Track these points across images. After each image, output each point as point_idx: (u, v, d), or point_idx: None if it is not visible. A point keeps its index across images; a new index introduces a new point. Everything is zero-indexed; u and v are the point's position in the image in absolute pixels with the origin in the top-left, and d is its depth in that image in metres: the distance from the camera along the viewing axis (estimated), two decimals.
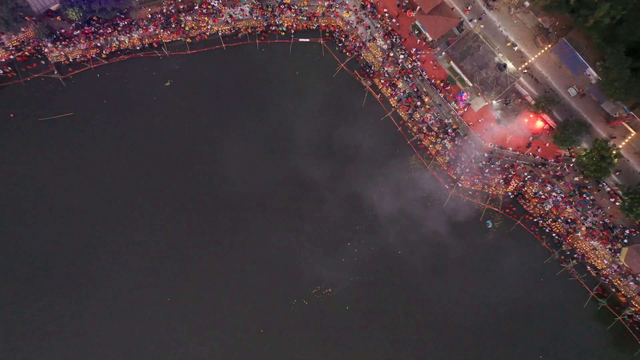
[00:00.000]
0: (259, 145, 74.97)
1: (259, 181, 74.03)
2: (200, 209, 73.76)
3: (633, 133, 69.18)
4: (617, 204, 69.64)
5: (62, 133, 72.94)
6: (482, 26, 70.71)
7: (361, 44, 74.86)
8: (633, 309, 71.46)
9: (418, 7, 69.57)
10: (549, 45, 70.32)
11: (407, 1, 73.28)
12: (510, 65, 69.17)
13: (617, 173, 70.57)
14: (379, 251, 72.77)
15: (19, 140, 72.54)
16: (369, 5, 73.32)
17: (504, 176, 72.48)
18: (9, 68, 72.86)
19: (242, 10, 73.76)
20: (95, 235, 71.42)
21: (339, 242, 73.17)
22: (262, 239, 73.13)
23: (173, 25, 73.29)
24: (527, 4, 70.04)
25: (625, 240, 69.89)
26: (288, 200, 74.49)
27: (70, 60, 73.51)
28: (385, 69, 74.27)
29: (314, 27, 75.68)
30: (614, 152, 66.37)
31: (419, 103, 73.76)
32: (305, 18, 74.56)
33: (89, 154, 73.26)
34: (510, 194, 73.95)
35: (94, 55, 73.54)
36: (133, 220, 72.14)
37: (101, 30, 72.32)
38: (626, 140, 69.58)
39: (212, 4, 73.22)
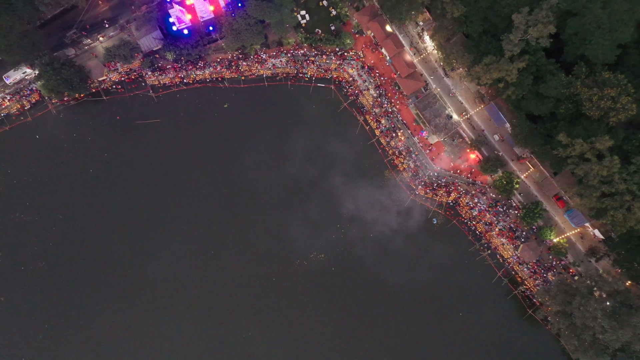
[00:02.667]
0: (281, 154, 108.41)
1: (276, 180, 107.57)
2: (233, 198, 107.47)
3: (532, 168, 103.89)
4: (519, 215, 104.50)
5: (151, 132, 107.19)
6: (438, 89, 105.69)
7: (359, 91, 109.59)
8: (525, 287, 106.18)
9: (398, 72, 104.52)
10: (483, 105, 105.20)
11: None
12: (455, 116, 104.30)
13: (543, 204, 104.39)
14: (356, 233, 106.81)
15: (122, 136, 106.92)
16: (366, 67, 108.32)
17: (447, 189, 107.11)
18: (119, 86, 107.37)
19: (280, 61, 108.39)
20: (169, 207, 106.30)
21: (330, 225, 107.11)
22: (273, 222, 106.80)
23: (233, 67, 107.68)
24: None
25: (522, 239, 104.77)
26: (294, 195, 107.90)
27: (161, 84, 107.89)
28: (374, 109, 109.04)
29: (328, 77, 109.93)
30: (516, 180, 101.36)
31: (394, 135, 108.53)
32: (323, 70, 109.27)
33: (168, 148, 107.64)
34: (450, 201, 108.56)
35: (177, 82, 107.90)
36: (194, 196, 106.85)
37: (185, 66, 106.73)
38: (527, 172, 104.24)
39: (261, 55, 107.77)
